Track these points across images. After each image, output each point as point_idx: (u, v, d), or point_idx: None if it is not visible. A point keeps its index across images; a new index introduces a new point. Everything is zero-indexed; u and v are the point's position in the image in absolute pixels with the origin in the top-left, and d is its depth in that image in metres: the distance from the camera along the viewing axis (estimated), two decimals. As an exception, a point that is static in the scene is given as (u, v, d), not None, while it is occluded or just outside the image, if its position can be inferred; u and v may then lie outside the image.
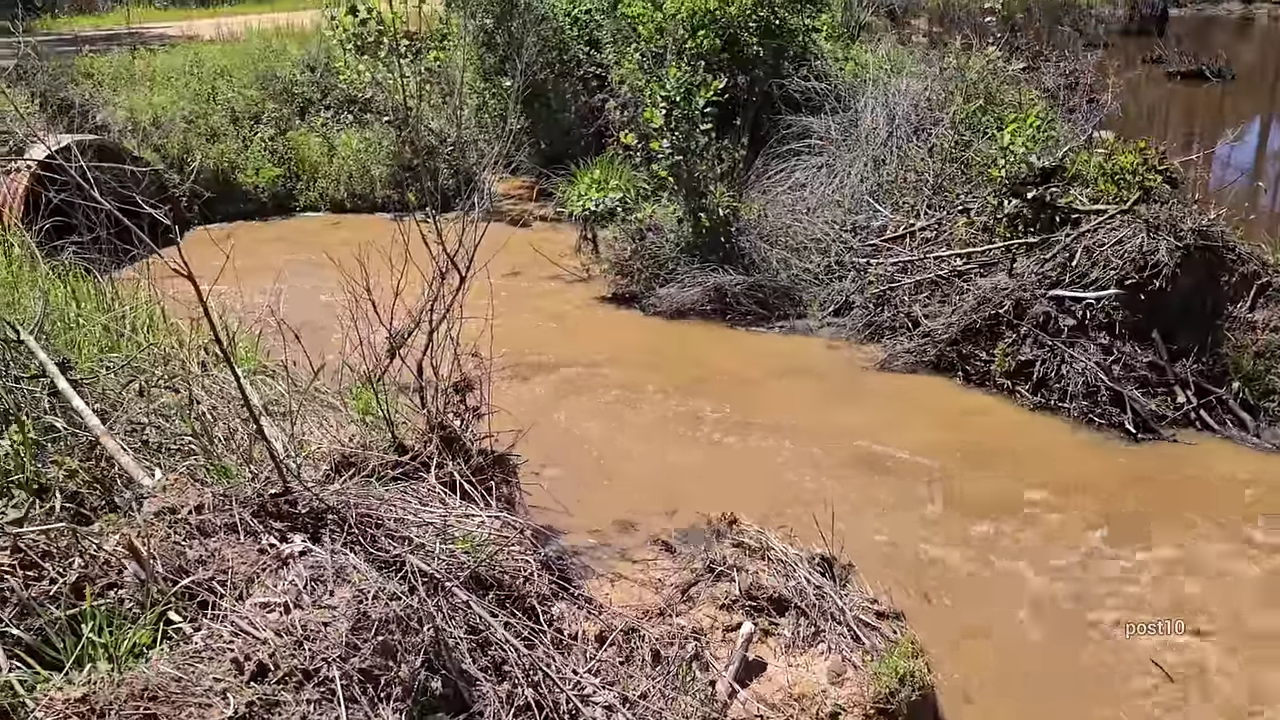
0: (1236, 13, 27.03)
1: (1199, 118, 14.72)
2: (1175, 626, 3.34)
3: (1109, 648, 3.34)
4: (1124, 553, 3.87)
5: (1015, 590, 3.68)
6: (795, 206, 7.39)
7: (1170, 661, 3.24)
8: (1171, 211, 5.23)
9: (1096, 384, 5.00)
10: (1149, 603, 3.55)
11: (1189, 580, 3.69)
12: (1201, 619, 3.46)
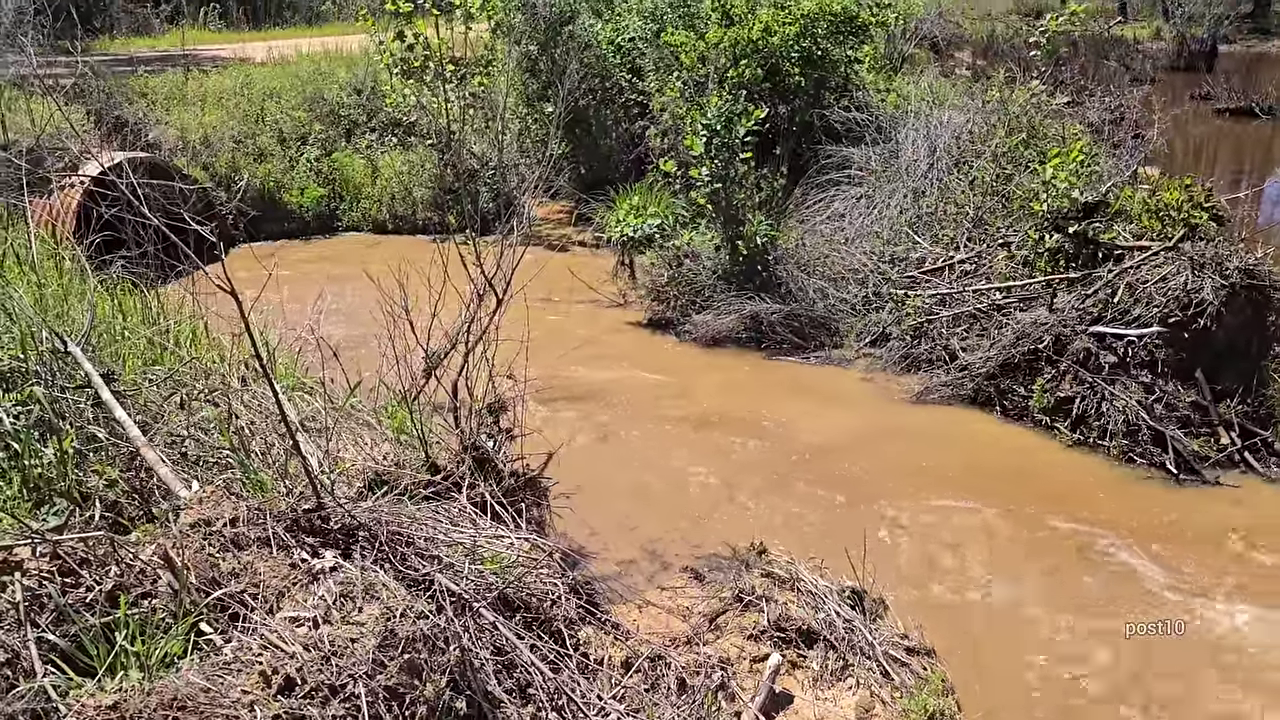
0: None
1: (1247, 155, 14.51)
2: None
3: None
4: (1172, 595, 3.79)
5: (1045, 631, 3.61)
6: (833, 236, 7.38)
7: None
8: (1217, 249, 5.16)
9: (1138, 423, 4.92)
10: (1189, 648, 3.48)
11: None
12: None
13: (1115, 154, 7.57)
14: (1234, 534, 4.24)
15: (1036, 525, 4.32)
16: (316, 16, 21.33)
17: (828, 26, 8.89)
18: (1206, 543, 4.19)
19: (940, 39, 19.52)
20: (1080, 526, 4.28)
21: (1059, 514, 4.39)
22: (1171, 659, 3.36)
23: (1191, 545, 4.16)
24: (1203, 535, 4.24)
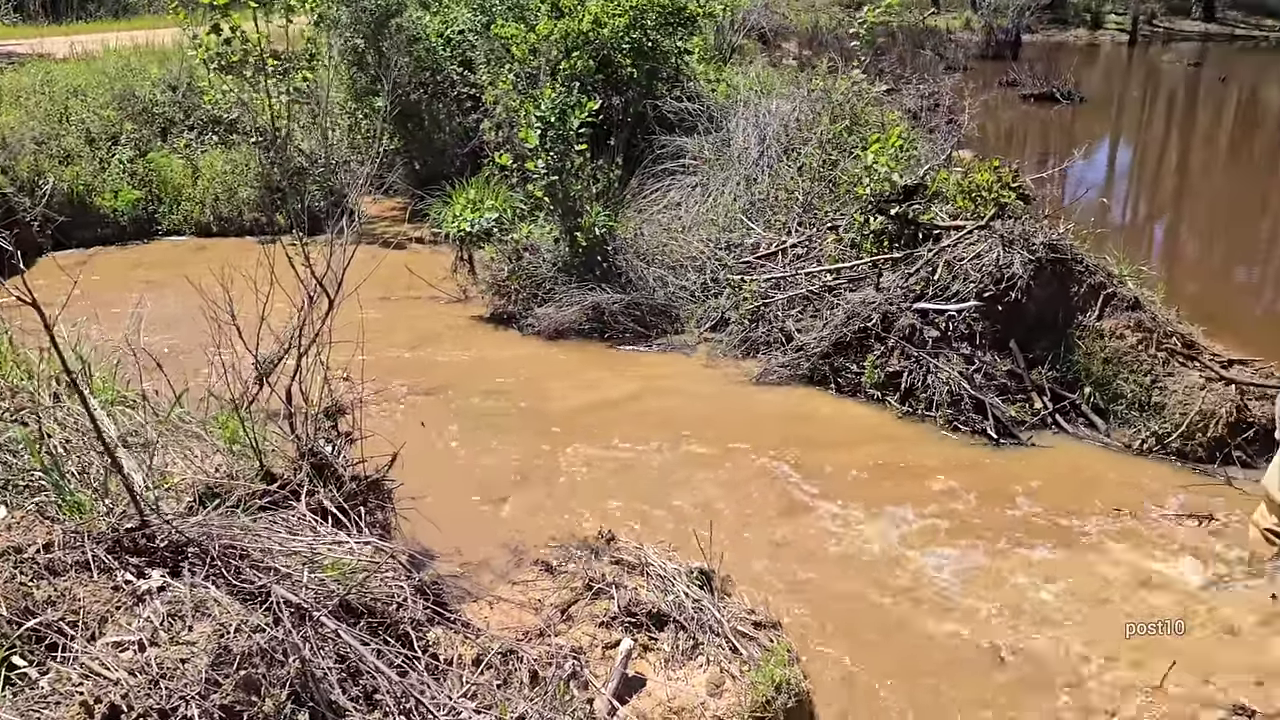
0: (1084, 39, 28.62)
1: (1052, 138, 15.51)
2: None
3: (982, 636, 3.47)
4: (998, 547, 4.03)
5: (890, 589, 3.79)
6: (671, 225, 7.49)
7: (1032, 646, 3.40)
8: (1024, 227, 5.50)
9: (960, 392, 5.21)
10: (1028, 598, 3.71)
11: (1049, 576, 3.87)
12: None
13: (932, 139, 7.97)
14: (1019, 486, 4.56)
15: (869, 493, 4.50)
16: (124, 9, 20.15)
17: (657, 18, 9.00)
18: (1001, 495, 4.48)
19: (768, 30, 19.99)
20: (905, 491, 4.50)
21: (888, 480, 4.59)
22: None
23: (991, 499, 4.44)
24: (999, 490, 4.54)
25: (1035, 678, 3.31)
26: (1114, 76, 23.87)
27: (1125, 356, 5.17)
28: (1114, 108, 19.06)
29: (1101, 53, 27.23)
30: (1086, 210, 10.80)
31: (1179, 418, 4.90)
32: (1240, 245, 10.11)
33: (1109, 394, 5.19)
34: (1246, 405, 4.89)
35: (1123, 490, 4.52)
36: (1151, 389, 5.07)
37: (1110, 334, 5.22)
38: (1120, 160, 14.90)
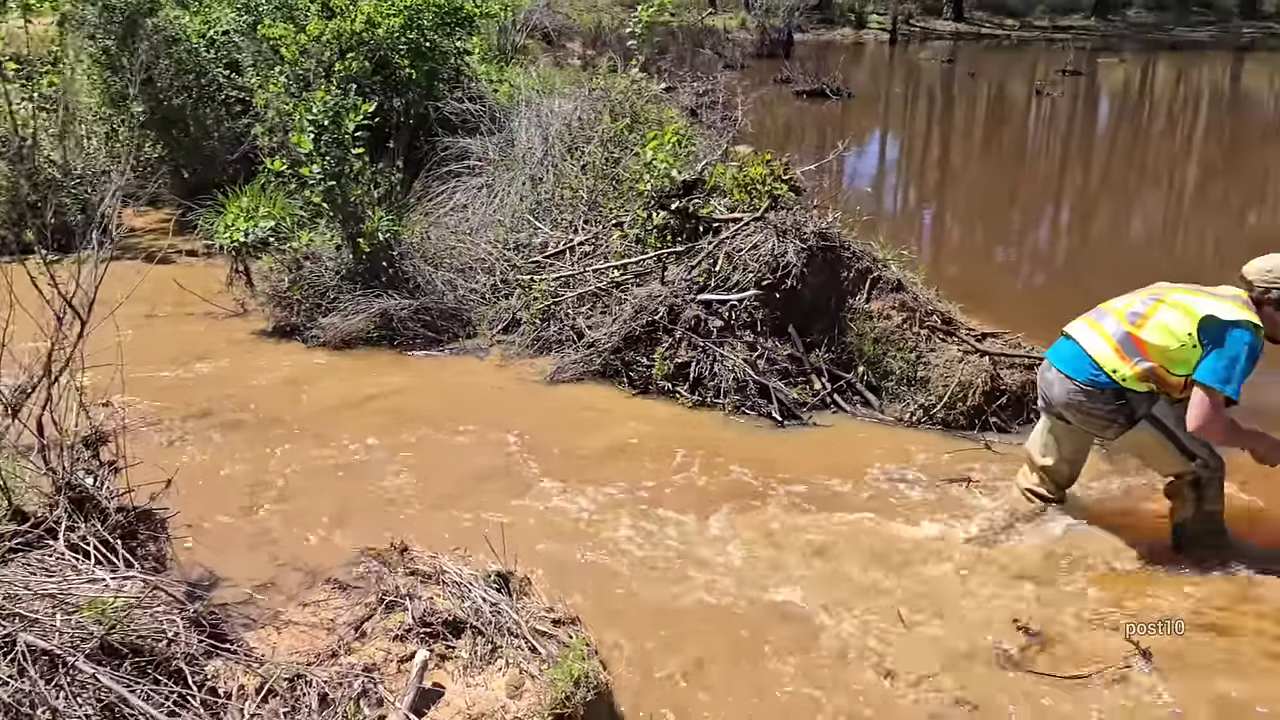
0: (850, 38, 30.34)
1: (826, 132, 16.31)
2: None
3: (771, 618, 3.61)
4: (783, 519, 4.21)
5: (677, 572, 3.88)
6: (458, 228, 7.41)
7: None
8: (796, 217, 5.76)
9: (745, 378, 5.40)
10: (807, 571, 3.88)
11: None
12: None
13: (709, 135, 8.23)
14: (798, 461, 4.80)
15: (663, 479, 4.61)
16: None
17: (433, 18, 8.87)
18: (777, 469, 4.71)
19: (551, 29, 20.08)
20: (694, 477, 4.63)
21: (685, 469, 4.72)
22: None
23: (767, 472, 4.65)
24: (775, 464, 4.77)
25: (808, 638, 3.46)
26: (879, 73, 25.40)
27: (892, 335, 5.52)
28: (881, 103, 20.28)
29: (866, 51, 28.93)
30: (860, 200, 11.48)
31: (941, 390, 5.28)
32: (996, 229, 10.98)
33: (880, 371, 5.52)
34: (999, 374, 5.32)
35: (893, 459, 4.82)
36: (917, 364, 5.43)
37: (878, 315, 5.56)
38: (889, 152, 15.87)
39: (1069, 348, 3.98)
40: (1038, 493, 4.23)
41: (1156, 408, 3.82)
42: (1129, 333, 3.79)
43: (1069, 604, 3.64)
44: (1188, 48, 30.78)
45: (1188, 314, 3.69)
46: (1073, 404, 3.92)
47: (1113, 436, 3.95)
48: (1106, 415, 3.86)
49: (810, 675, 3.29)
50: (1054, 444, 4.15)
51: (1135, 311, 3.84)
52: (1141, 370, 3.75)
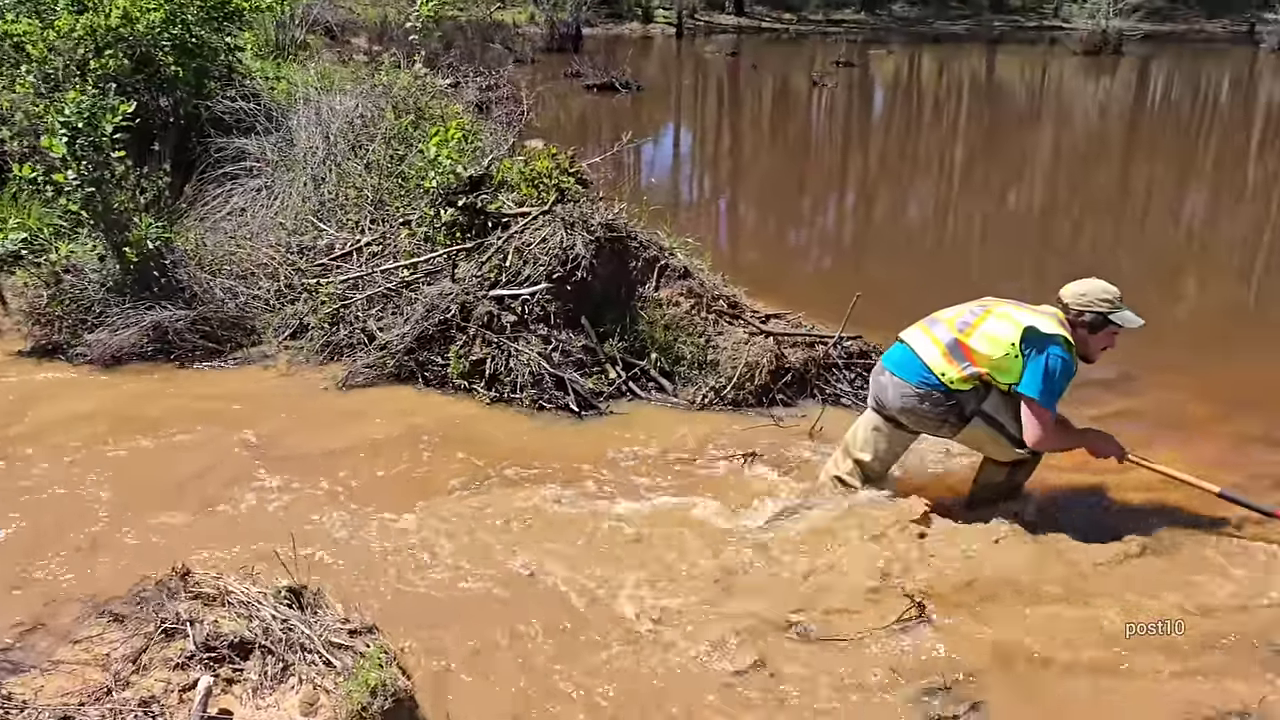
0: (638, 32, 30.84)
1: (619, 124, 16.50)
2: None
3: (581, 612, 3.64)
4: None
5: (479, 566, 3.86)
6: (237, 232, 7.07)
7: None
8: (583, 209, 5.82)
9: (541, 372, 5.42)
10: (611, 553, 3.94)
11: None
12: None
13: (497, 129, 8.19)
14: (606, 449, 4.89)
15: (462, 475, 4.57)
16: None
17: (199, 12, 8.41)
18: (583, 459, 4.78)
19: (334, 24, 19.44)
20: (493, 471, 4.62)
21: (475, 463, 4.70)
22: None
23: (571, 462, 4.72)
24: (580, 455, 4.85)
25: (599, 619, 3.53)
26: (668, 66, 25.95)
27: (682, 321, 5.67)
28: (670, 95, 20.74)
29: (655, 45, 29.50)
30: (657, 190, 11.72)
31: (730, 371, 5.47)
32: (786, 215, 11.45)
33: (673, 357, 5.66)
34: (783, 353, 5.57)
35: (688, 442, 4.96)
36: (706, 348, 5.61)
37: (667, 302, 5.70)
38: (683, 144, 16.25)
39: (902, 352, 4.22)
40: (847, 481, 4.42)
41: (987, 403, 4.09)
42: (957, 340, 4.06)
43: (857, 566, 3.84)
44: (947, 40, 33.02)
45: (1013, 325, 3.98)
46: (906, 407, 4.14)
47: (948, 434, 4.21)
48: (939, 415, 4.11)
49: (601, 654, 3.35)
50: (874, 442, 4.33)
51: (964, 320, 4.11)
52: (967, 374, 4.02)
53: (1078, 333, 4.02)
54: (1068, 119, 18.73)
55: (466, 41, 19.30)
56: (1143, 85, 23.79)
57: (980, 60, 29.31)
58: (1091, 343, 4.05)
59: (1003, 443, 4.11)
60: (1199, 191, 13.00)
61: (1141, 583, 3.77)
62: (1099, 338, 4.04)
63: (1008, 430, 4.07)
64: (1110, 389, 5.68)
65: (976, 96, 22.83)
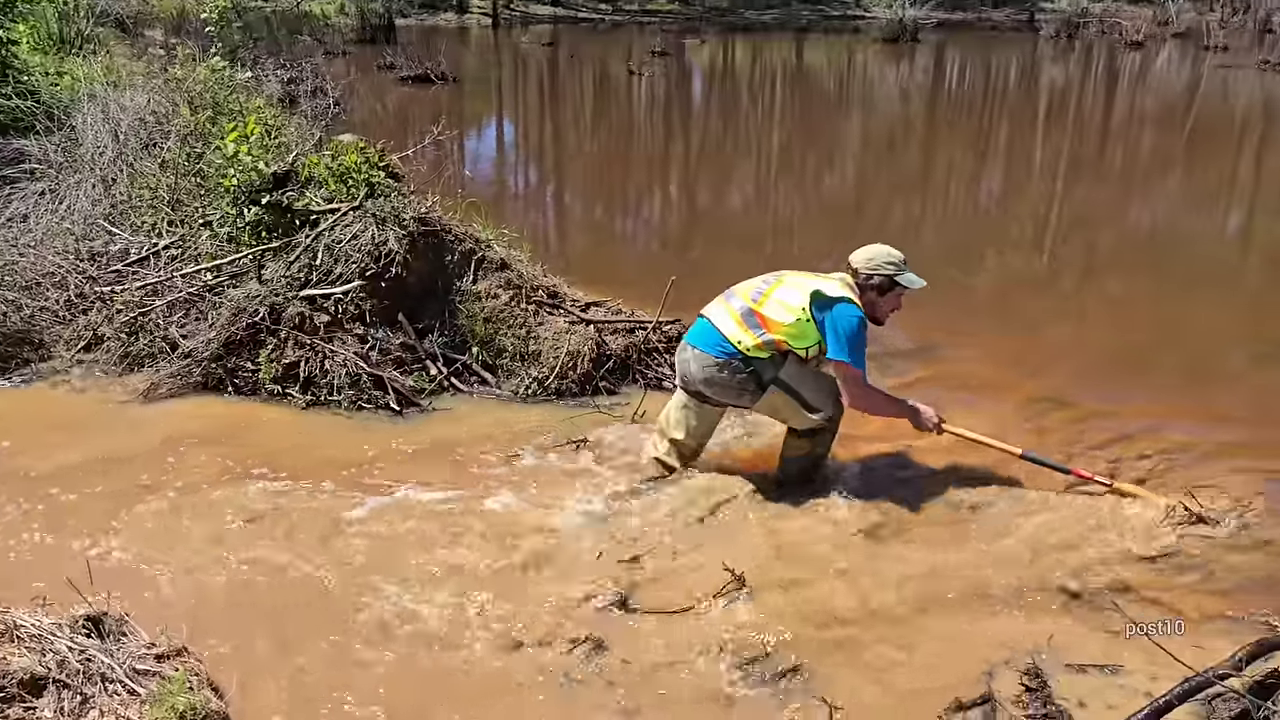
0: (454, 22, 30.33)
1: (436, 117, 16.12)
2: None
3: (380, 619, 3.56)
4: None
5: (282, 572, 3.73)
6: (18, 241, 6.54)
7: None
8: (394, 203, 5.68)
9: (359, 372, 5.27)
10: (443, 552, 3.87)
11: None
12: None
13: (304, 124, 7.90)
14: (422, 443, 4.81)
15: (251, 488, 4.39)
16: None
17: (-39, 2, 7.77)
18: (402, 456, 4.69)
19: (126, 16, 18.30)
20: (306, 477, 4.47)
21: (288, 469, 4.53)
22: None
23: (392, 461, 4.62)
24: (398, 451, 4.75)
25: (423, 611, 3.48)
26: (485, 57, 25.64)
27: (502, 313, 5.62)
28: (489, 86, 20.50)
29: (471, 35, 29.09)
30: (482, 182, 11.58)
31: (552, 361, 5.47)
32: (611, 203, 11.52)
33: (495, 350, 5.61)
34: (604, 341, 5.61)
35: (511, 433, 4.93)
36: (528, 339, 5.58)
37: (486, 295, 5.64)
38: (506, 134, 16.09)
39: (702, 325, 4.35)
40: (666, 462, 4.52)
41: (784, 371, 4.22)
42: (751, 309, 4.22)
43: (678, 545, 3.92)
44: (758, 30, 33.94)
45: (802, 290, 4.15)
46: (707, 377, 4.25)
47: (748, 404, 4.34)
48: (738, 384, 4.22)
49: (415, 649, 3.30)
50: (686, 420, 4.46)
51: (758, 290, 4.29)
52: (762, 341, 4.16)
53: (866, 295, 4.24)
54: (873, 104, 19.58)
55: (272, 33, 18.53)
56: (939, 71, 25.10)
57: (790, 48, 30.27)
58: (880, 305, 4.28)
59: (799, 410, 4.28)
60: (994, 169, 13.86)
61: (944, 540, 4.01)
62: (887, 300, 4.27)
63: (803, 397, 4.25)
64: (913, 358, 6.00)
65: (788, 83, 23.58)
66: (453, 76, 18.27)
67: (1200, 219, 10.68)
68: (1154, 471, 4.67)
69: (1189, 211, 11.06)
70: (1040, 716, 3.04)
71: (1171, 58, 26.27)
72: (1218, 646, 3.11)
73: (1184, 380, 5.89)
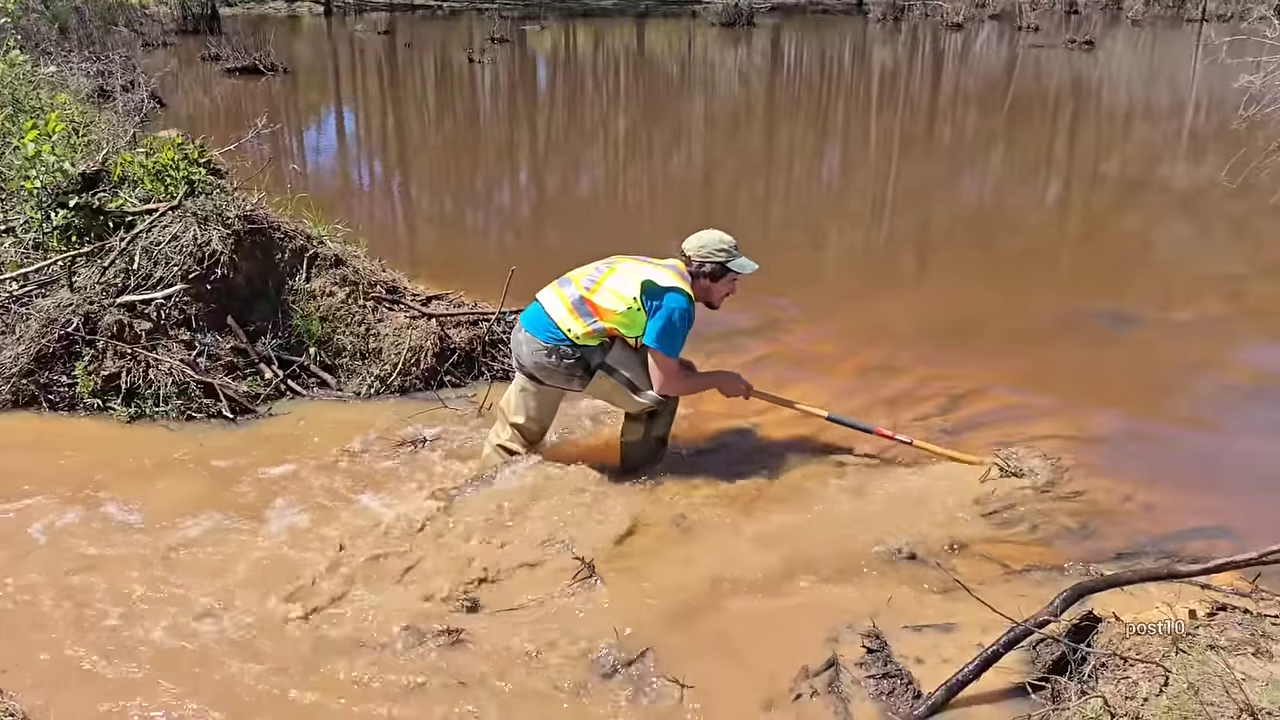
0: (284, 11, 29.21)
1: (270, 109, 15.52)
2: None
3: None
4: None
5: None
6: None
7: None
8: (216, 202, 5.42)
9: (186, 380, 5.02)
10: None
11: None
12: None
13: (115, 120, 7.45)
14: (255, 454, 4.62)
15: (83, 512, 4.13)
16: None
17: None
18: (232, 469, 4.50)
19: (-87, 8, 16.86)
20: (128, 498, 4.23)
21: (100, 490, 4.27)
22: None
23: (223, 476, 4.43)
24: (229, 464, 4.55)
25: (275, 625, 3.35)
26: (319, 46, 24.82)
27: (339, 311, 5.45)
28: (324, 76, 19.85)
29: (303, 24, 28.11)
30: (324, 176, 11.20)
31: (394, 357, 5.34)
32: (458, 193, 11.32)
33: (333, 349, 5.43)
34: (447, 334, 5.50)
35: (352, 434, 4.78)
36: (367, 337, 5.43)
37: (321, 293, 5.45)
38: (347, 126, 15.60)
39: (535, 310, 4.32)
40: (509, 448, 4.48)
41: (611, 356, 4.22)
42: (583, 297, 4.20)
43: (526, 536, 3.88)
44: (598, 15, 33.97)
45: (633, 279, 4.14)
46: (538, 362, 4.22)
47: (578, 388, 4.33)
48: (567, 370, 4.20)
49: (260, 666, 3.17)
50: (525, 404, 4.43)
51: (590, 278, 4.28)
52: (593, 329, 4.15)
53: (700, 282, 4.29)
54: (715, 87, 19.88)
55: (84, 24, 17.43)
56: (776, 53, 25.69)
57: (631, 33, 30.43)
58: (714, 290, 4.34)
59: (626, 393, 4.32)
60: (833, 148, 14.29)
61: (785, 514, 4.12)
62: (720, 285, 4.33)
63: (630, 381, 4.28)
64: (756, 335, 6.12)
65: (631, 68, 23.70)
66: (284, 67, 17.60)
67: (1022, 192, 11.28)
68: (979, 432, 4.92)
69: (1012, 185, 11.67)
70: (881, 676, 3.15)
71: (989, 38, 27.65)
72: (1041, 595, 3.28)
73: (1008, 347, 6.21)
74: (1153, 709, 2.41)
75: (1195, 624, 2.88)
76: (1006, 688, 2.98)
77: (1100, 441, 4.84)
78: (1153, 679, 2.53)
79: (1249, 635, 2.74)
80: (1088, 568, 3.67)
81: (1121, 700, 2.50)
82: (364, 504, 4.14)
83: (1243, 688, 2.38)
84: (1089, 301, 6.99)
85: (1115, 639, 2.86)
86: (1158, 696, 2.45)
